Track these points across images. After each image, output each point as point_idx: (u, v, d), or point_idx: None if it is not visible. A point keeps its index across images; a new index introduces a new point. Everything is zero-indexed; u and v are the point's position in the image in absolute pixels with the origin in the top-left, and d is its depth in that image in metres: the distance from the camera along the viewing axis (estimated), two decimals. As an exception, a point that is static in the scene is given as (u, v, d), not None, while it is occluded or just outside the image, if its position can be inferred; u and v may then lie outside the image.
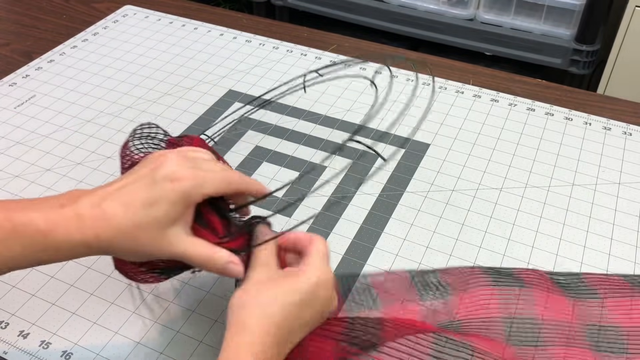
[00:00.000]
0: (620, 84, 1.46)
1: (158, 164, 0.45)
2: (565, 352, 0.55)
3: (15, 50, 0.96)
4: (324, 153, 0.76)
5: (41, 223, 0.42)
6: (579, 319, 0.58)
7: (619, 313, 0.58)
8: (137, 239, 0.43)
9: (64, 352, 0.54)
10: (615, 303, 0.59)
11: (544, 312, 0.58)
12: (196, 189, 0.44)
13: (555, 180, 0.72)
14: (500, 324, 0.57)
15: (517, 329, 0.56)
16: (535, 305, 0.58)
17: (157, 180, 0.43)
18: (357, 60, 0.53)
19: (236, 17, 1.05)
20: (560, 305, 0.59)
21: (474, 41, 1.52)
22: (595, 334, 0.56)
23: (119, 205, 0.43)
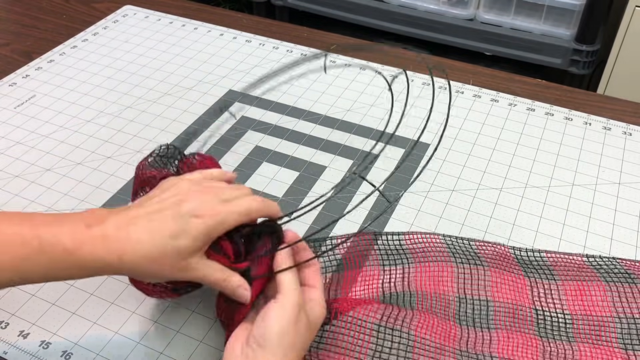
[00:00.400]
0: (620, 84, 1.46)
1: (182, 197, 0.48)
2: (509, 335, 0.55)
3: (15, 50, 0.96)
4: (324, 153, 0.76)
5: (68, 242, 0.44)
6: (531, 302, 0.58)
7: (569, 297, 0.58)
8: (160, 264, 0.46)
9: (64, 352, 0.54)
10: (568, 286, 0.59)
11: (497, 293, 0.58)
12: (218, 225, 0.48)
13: (555, 180, 0.72)
14: (453, 302, 0.58)
15: (469, 309, 0.57)
16: (491, 286, 0.59)
17: (183, 215, 0.47)
18: (394, 45, 0.53)
19: (236, 17, 1.05)
20: (516, 287, 0.59)
21: (474, 41, 1.52)
22: (542, 318, 0.57)
23: (145, 232, 0.46)
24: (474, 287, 0.59)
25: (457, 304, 0.57)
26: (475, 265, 0.60)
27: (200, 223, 0.47)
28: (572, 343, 0.55)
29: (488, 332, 0.56)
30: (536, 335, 0.55)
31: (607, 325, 0.56)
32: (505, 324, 0.56)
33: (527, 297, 0.58)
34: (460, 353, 0.53)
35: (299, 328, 0.46)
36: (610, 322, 0.56)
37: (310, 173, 0.73)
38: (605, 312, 0.57)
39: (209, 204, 0.48)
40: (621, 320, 0.56)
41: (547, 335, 0.55)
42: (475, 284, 0.59)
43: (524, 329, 0.56)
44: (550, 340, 0.55)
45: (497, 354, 0.53)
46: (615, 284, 0.59)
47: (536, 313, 0.57)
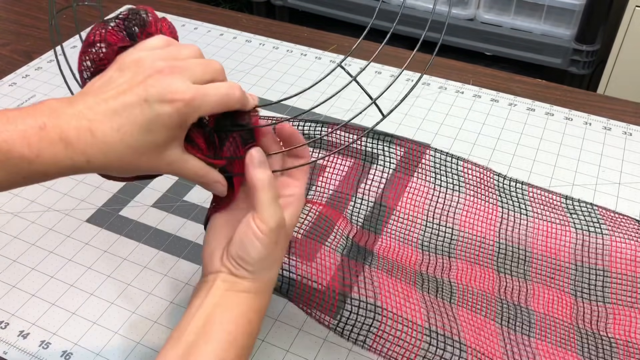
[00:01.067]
0: (620, 84, 1.46)
1: (147, 82, 0.41)
2: (470, 266, 0.56)
3: (15, 50, 0.96)
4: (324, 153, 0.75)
5: (25, 150, 0.38)
6: (497, 234, 0.59)
7: (534, 236, 0.59)
8: (134, 163, 0.41)
9: (64, 352, 0.54)
10: (537, 224, 0.60)
11: (465, 223, 0.59)
12: (193, 111, 0.42)
13: (555, 180, 0.72)
14: (419, 227, 0.58)
15: (433, 236, 0.58)
16: (461, 214, 0.59)
17: (152, 103, 0.40)
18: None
19: (236, 17, 1.05)
20: (487, 219, 0.60)
21: (474, 41, 1.52)
22: (503, 253, 0.58)
23: (111, 130, 0.40)
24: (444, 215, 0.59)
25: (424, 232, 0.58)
26: (456, 191, 0.61)
27: (173, 110, 0.40)
28: (528, 281, 0.56)
29: (449, 259, 0.57)
30: (494, 269, 0.57)
31: (563, 270, 0.57)
32: (465, 256, 0.57)
33: (496, 231, 0.59)
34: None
35: (279, 245, 0.46)
36: (566, 267, 0.57)
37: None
38: (564, 258, 0.58)
39: (180, 86, 0.41)
40: (577, 268, 0.58)
41: (504, 270, 0.57)
42: (445, 215, 0.60)
43: (484, 262, 0.57)
44: (507, 275, 0.56)
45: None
46: (582, 232, 0.59)
47: (498, 246, 0.58)
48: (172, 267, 0.62)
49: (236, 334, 0.43)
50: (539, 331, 0.53)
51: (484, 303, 0.54)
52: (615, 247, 0.58)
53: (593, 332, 0.54)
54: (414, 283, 0.53)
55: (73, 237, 0.65)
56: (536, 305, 0.55)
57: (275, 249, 0.45)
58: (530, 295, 0.56)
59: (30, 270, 0.62)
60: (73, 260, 0.63)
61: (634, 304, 0.56)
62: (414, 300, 0.51)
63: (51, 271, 0.62)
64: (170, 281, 0.60)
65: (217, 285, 0.44)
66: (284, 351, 0.55)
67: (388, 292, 0.50)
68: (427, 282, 0.54)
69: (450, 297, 0.53)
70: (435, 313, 0.51)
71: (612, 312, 0.55)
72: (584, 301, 0.56)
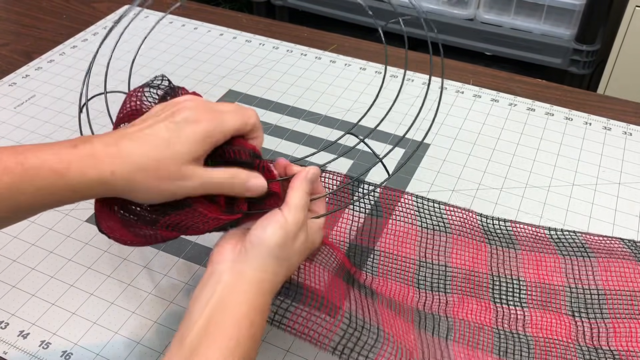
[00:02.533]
0: (620, 84, 1.46)
1: (175, 110, 0.44)
2: (466, 300, 0.58)
3: (15, 50, 0.96)
4: (324, 153, 0.75)
5: (54, 163, 0.41)
6: (490, 268, 0.60)
7: (526, 266, 0.61)
8: (156, 175, 0.42)
9: (64, 352, 0.54)
10: (526, 256, 0.61)
11: (457, 260, 0.60)
12: (216, 128, 0.44)
13: (555, 180, 0.72)
14: (413, 267, 0.60)
15: (427, 274, 0.59)
16: (450, 252, 0.61)
17: (178, 122, 0.43)
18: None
19: (236, 17, 1.05)
20: (477, 255, 0.61)
21: (474, 41, 1.52)
22: (497, 284, 0.59)
23: (136, 144, 0.42)
24: (435, 252, 0.61)
25: (417, 269, 0.60)
26: (443, 232, 0.63)
27: (196, 126, 0.43)
28: (525, 308, 0.57)
29: (446, 294, 0.58)
30: (490, 301, 0.58)
31: (558, 293, 0.59)
32: (461, 290, 0.58)
33: (486, 263, 0.61)
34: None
35: (296, 245, 0.46)
36: (561, 290, 0.59)
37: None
38: (558, 281, 0.59)
39: (205, 111, 0.45)
40: (571, 290, 0.59)
41: (500, 300, 0.58)
42: (436, 250, 0.62)
43: (479, 294, 0.58)
44: (503, 305, 0.58)
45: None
46: (570, 258, 0.61)
47: (492, 279, 0.59)
48: (172, 267, 0.62)
49: (239, 337, 0.42)
50: (538, 356, 0.53)
51: (481, 336, 0.55)
52: (603, 267, 0.60)
53: (595, 347, 0.55)
54: (412, 321, 0.54)
55: (73, 237, 0.65)
56: (534, 331, 0.56)
57: (292, 245, 0.46)
58: (528, 322, 0.57)
59: (30, 270, 0.62)
60: (73, 260, 0.63)
61: (631, 316, 0.56)
62: (411, 336, 0.52)
63: (51, 271, 0.62)
64: (170, 281, 0.60)
65: (224, 281, 0.44)
66: (284, 351, 0.55)
67: (388, 323, 0.51)
68: (424, 320, 0.55)
69: (447, 333, 0.54)
70: (429, 349, 0.52)
71: (612, 326, 0.56)
72: (582, 319, 0.57)
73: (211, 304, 0.43)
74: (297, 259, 0.47)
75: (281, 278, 0.47)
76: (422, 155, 0.75)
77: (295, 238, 0.46)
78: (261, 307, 0.45)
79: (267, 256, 0.45)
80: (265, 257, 0.45)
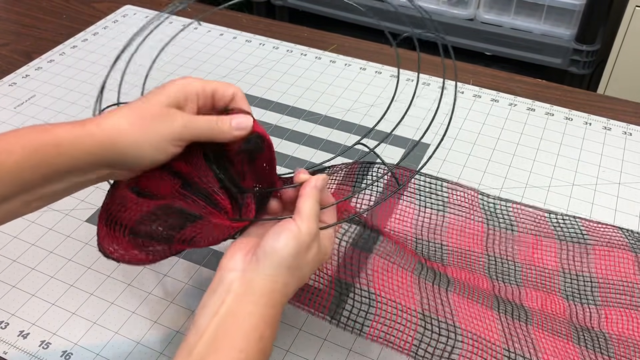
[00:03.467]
0: (620, 84, 1.46)
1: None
2: (465, 272, 0.58)
3: (15, 50, 0.96)
4: (324, 153, 0.76)
5: (50, 139, 0.42)
6: (486, 249, 0.61)
7: (522, 248, 0.61)
8: (140, 114, 0.44)
9: (64, 352, 0.54)
10: (523, 238, 0.62)
11: (452, 239, 0.61)
12: (192, 80, 0.47)
13: (555, 180, 0.72)
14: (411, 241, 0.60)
15: (424, 249, 0.60)
16: (448, 232, 0.61)
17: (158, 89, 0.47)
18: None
19: (236, 17, 1.05)
20: (474, 235, 0.62)
21: (474, 41, 1.52)
22: (493, 263, 0.60)
23: (126, 107, 0.45)
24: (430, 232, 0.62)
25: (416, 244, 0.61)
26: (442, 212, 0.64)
27: (172, 82, 0.46)
28: (520, 287, 0.58)
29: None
30: (486, 276, 0.59)
31: (552, 276, 0.59)
32: (458, 265, 0.59)
33: (481, 244, 0.61)
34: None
35: (308, 256, 0.46)
36: (555, 275, 0.59)
37: (310, 173, 0.73)
38: (551, 266, 0.60)
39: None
40: (565, 274, 0.59)
41: (497, 277, 0.59)
42: (432, 232, 0.63)
43: (477, 271, 0.59)
44: (499, 281, 0.58)
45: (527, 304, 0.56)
46: (567, 243, 0.61)
47: (487, 259, 0.60)
48: (172, 267, 0.62)
49: (248, 350, 0.41)
50: (536, 321, 0.54)
51: (481, 296, 0.55)
52: (599, 255, 0.60)
53: (588, 328, 0.55)
54: (412, 270, 0.53)
55: (73, 237, 0.65)
56: (531, 304, 0.56)
57: (305, 255, 0.45)
58: (524, 297, 0.57)
59: (30, 270, 0.62)
60: (73, 260, 0.63)
61: (624, 305, 0.57)
62: (407, 285, 0.51)
63: (51, 271, 0.62)
64: (170, 281, 0.60)
65: (234, 290, 0.43)
66: (284, 351, 0.55)
67: (383, 275, 0.51)
68: (424, 271, 0.54)
69: (447, 284, 0.54)
70: (429, 299, 0.51)
71: (604, 312, 0.57)
72: (575, 303, 0.58)
73: (220, 313, 0.42)
74: (308, 269, 0.46)
75: (292, 289, 0.46)
76: (422, 155, 0.75)
77: (308, 249, 0.45)
78: (271, 320, 0.43)
79: (279, 266, 0.44)
80: (277, 267, 0.44)
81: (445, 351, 0.48)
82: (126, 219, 0.45)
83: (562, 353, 0.51)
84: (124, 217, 0.45)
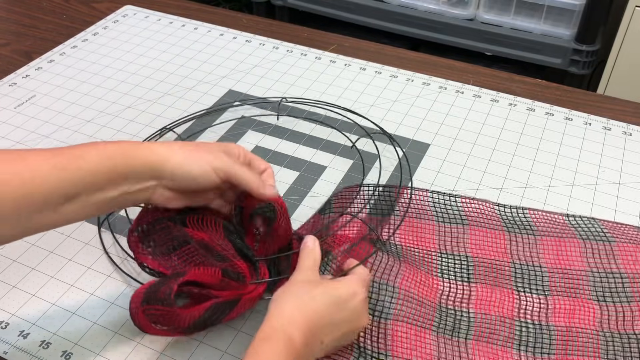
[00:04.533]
0: (620, 84, 1.46)
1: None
2: (492, 290, 0.58)
3: (15, 50, 0.96)
4: (324, 153, 0.76)
5: (77, 153, 0.47)
6: (510, 256, 0.61)
7: (546, 251, 0.61)
8: (195, 147, 0.52)
9: (64, 352, 0.54)
10: (546, 241, 0.62)
11: (476, 250, 0.61)
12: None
13: (555, 180, 0.72)
14: (436, 257, 0.60)
15: (450, 264, 0.60)
16: (470, 243, 0.62)
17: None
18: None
19: (236, 17, 1.05)
20: (497, 244, 0.62)
21: (474, 41, 1.52)
22: (520, 272, 0.59)
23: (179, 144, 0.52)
24: (454, 243, 0.62)
25: (440, 259, 0.61)
26: (460, 225, 0.64)
27: (223, 143, 0.54)
28: (548, 296, 0.57)
29: (469, 284, 0.59)
30: (513, 289, 0.58)
31: (581, 278, 0.58)
32: (484, 280, 0.59)
33: (506, 252, 0.61)
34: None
35: (319, 299, 0.48)
36: (583, 275, 0.58)
37: (310, 173, 0.73)
38: (579, 266, 0.59)
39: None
40: (594, 274, 0.59)
41: (524, 289, 0.58)
42: (455, 242, 0.63)
43: (502, 284, 0.58)
44: (527, 293, 0.57)
45: (553, 319, 0.56)
46: (590, 242, 0.61)
47: (514, 267, 0.60)
48: (172, 267, 0.62)
49: None
50: (560, 347, 0.53)
51: (502, 330, 0.55)
52: (624, 251, 0.60)
53: (619, 333, 0.54)
54: (430, 326, 0.54)
55: (73, 237, 0.65)
56: (557, 319, 0.56)
57: (312, 300, 0.48)
58: (552, 311, 0.56)
59: (30, 270, 0.62)
60: (73, 260, 0.63)
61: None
62: (425, 344, 0.53)
63: (51, 271, 0.62)
64: (170, 281, 0.60)
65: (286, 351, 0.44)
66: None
67: (400, 339, 0.52)
68: (443, 321, 0.55)
69: (467, 330, 0.54)
70: (447, 354, 0.52)
71: (638, 308, 0.56)
72: (607, 304, 0.56)
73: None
74: (339, 318, 0.49)
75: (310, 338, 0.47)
76: (422, 155, 0.75)
77: (310, 291, 0.49)
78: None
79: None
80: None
81: None
82: (178, 324, 0.49)
83: None
84: (177, 325, 0.49)
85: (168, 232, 0.53)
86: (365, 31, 1.61)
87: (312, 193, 0.70)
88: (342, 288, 0.49)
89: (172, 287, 0.47)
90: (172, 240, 0.52)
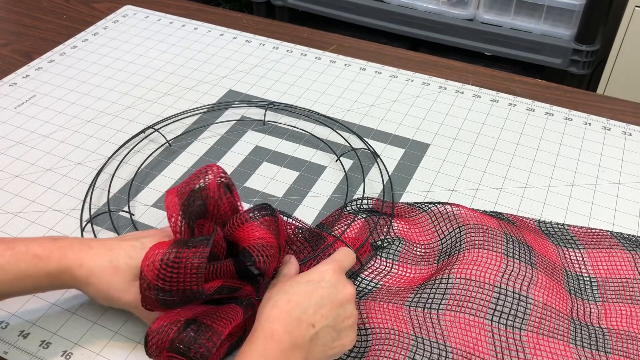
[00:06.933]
0: (620, 84, 1.46)
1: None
2: (550, 282, 0.58)
3: (15, 50, 0.96)
4: (324, 153, 0.76)
5: (38, 250, 0.50)
6: (561, 263, 0.61)
7: (593, 262, 0.61)
8: (114, 277, 0.51)
9: (64, 352, 0.55)
10: (592, 253, 0.62)
11: (533, 244, 0.61)
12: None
13: (555, 180, 0.72)
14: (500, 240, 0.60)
15: (516, 247, 0.60)
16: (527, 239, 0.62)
17: (142, 241, 0.53)
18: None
19: (236, 17, 1.05)
20: (546, 247, 0.62)
21: (474, 41, 1.52)
22: (572, 278, 0.60)
23: (105, 249, 0.52)
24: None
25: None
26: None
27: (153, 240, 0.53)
28: (598, 303, 0.58)
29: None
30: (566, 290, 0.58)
31: (631, 285, 0.59)
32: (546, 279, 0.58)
33: (557, 257, 0.62)
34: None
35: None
36: (633, 283, 0.59)
37: (310, 173, 0.73)
38: (629, 274, 0.60)
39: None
40: (567, 273, 0.60)
41: (575, 294, 0.58)
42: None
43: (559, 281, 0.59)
44: (577, 298, 0.58)
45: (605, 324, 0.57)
46: (637, 253, 0.62)
47: (566, 274, 0.60)
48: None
49: None
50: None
51: (558, 324, 0.55)
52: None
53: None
54: (402, 303, 0.56)
55: (73, 237, 0.65)
56: (610, 324, 0.57)
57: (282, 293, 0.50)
58: (602, 316, 0.58)
59: (31, 270, 0.62)
60: (73, 260, 0.63)
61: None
62: (398, 313, 0.55)
63: (51, 271, 0.61)
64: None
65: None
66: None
67: (376, 311, 0.55)
68: (415, 299, 0.56)
69: (439, 305, 0.55)
70: (419, 321, 0.54)
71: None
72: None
73: None
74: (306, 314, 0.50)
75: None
76: (422, 155, 0.75)
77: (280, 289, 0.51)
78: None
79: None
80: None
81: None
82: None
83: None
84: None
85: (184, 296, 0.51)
86: (365, 31, 1.61)
87: (312, 193, 0.70)
88: (310, 272, 0.51)
89: (209, 348, 0.48)
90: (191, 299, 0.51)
